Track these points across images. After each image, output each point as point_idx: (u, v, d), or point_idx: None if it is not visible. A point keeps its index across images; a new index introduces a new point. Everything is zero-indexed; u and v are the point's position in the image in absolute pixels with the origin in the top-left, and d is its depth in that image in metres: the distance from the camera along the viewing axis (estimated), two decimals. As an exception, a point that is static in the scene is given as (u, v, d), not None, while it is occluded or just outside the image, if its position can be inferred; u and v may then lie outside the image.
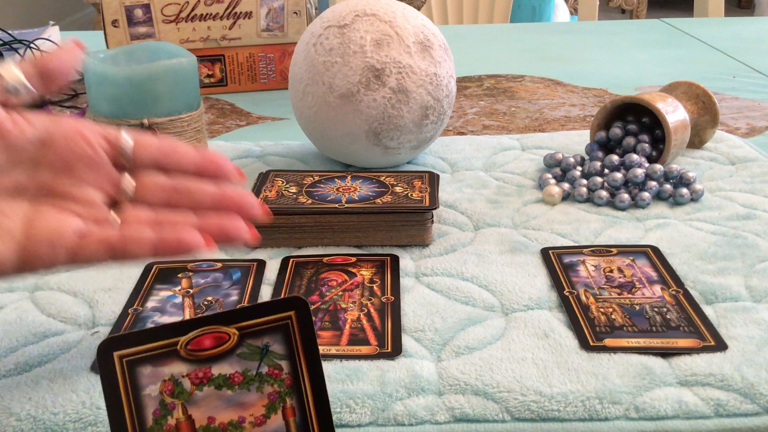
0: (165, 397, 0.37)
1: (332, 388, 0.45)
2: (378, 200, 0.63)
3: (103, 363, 0.37)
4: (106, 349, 0.37)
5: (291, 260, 0.60)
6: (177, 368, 0.37)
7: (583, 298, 0.55)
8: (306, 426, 0.38)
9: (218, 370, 0.38)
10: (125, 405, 0.37)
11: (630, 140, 0.75)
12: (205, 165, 0.49)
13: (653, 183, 0.70)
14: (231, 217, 0.47)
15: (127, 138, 0.48)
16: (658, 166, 0.71)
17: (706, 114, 0.81)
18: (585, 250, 0.61)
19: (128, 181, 0.47)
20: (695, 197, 0.70)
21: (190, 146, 0.49)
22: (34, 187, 0.45)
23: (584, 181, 0.71)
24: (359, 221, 0.62)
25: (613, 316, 0.52)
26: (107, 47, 1.01)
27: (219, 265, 0.59)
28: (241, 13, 1.03)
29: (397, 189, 0.66)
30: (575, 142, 0.84)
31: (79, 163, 0.46)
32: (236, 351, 0.38)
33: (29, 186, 0.44)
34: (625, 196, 0.69)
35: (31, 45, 1.16)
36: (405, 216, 0.62)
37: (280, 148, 0.83)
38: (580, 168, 0.74)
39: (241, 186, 0.49)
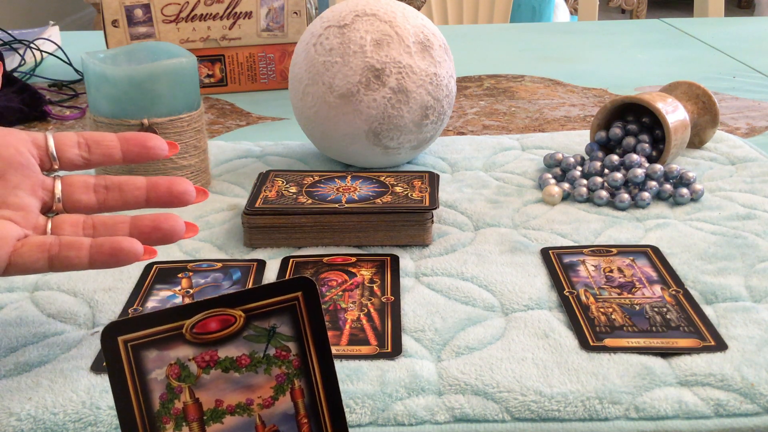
0: (171, 380, 0.37)
1: (332, 388, 0.46)
2: (378, 200, 0.63)
3: (107, 348, 0.36)
4: (110, 333, 0.37)
5: (291, 260, 0.60)
6: (183, 352, 0.37)
7: (583, 298, 0.55)
8: (315, 407, 0.38)
9: (225, 352, 0.37)
10: (131, 390, 0.37)
11: (630, 140, 0.75)
12: (129, 148, 0.49)
13: (653, 183, 0.70)
14: (166, 216, 0.47)
15: (51, 140, 0.48)
16: (658, 166, 0.71)
17: (706, 114, 0.81)
18: (585, 250, 0.61)
19: (59, 185, 0.48)
20: (695, 197, 0.70)
21: (112, 134, 0.50)
22: None
23: (584, 181, 0.71)
24: (359, 221, 0.62)
25: (613, 316, 0.52)
26: (107, 47, 1.01)
27: (219, 265, 0.59)
28: (241, 13, 1.03)
29: (397, 189, 0.66)
30: (575, 142, 0.84)
31: (11, 170, 0.46)
32: (243, 333, 0.38)
33: None
34: (625, 196, 0.69)
35: (31, 45, 1.17)
36: (405, 216, 0.62)
37: (280, 148, 0.83)
38: (580, 168, 0.74)
39: (174, 156, 0.50)
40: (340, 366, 0.47)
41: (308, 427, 0.38)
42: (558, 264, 0.59)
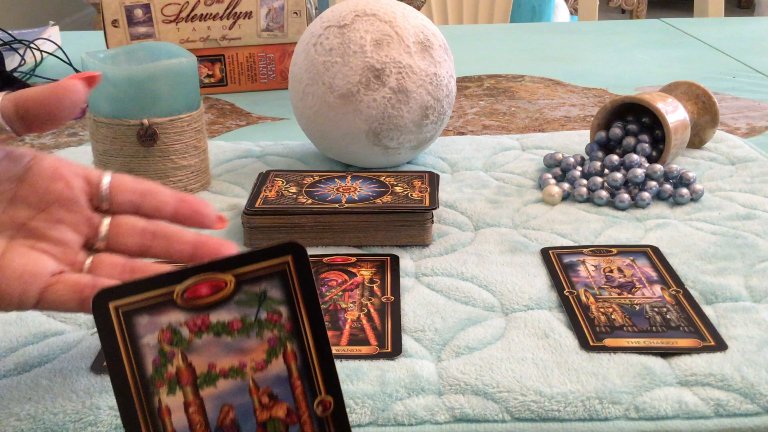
0: (164, 345, 0.37)
1: (332, 388, 0.45)
2: (378, 200, 0.63)
3: (98, 314, 0.36)
4: (101, 300, 0.37)
5: (291, 260, 0.60)
6: (174, 317, 0.37)
7: (583, 298, 0.55)
8: (308, 370, 0.38)
9: (216, 317, 0.38)
10: (124, 355, 0.37)
11: (630, 140, 0.75)
12: (182, 209, 0.47)
13: (653, 183, 0.70)
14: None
15: (106, 179, 0.47)
16: (658, 166, 0.71)
17: (706, 114, 0.81)
18: (585, 250, 0.61)
19: (105, 224, 0.47)
20: (695, 197, 0.70)
21: (169, 189, 0.48)
22: (9, 223, 0.44)
23: (584, 181, 0.71)
24: (359, 221, 0.62)
25: (613, 316, 0.52)
26: (107, 47, 1.01)
27: (219, 265, 0.59)
28: (241, 13, 1.03)
29: (397, 189, 0.66)
30: (575, 142, 0.84)
31: (56, 203, 0.45)
32: (234, 298, 0.38)
33: (4, 222, 0.44)
34: (625, 196, 0.69)
35: (31, 45, 1.17)
36: (405, 216, 0.62)
37: (280, 148, 0.83)
38: (580, 168, 0.74)
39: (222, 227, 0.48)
40: (340, 366, 0.47)
41: (301, 389, 0.38)
42: (558, 264, 0.59)
